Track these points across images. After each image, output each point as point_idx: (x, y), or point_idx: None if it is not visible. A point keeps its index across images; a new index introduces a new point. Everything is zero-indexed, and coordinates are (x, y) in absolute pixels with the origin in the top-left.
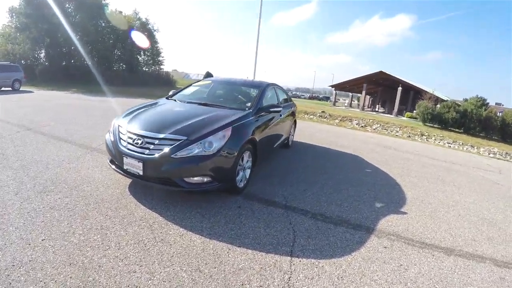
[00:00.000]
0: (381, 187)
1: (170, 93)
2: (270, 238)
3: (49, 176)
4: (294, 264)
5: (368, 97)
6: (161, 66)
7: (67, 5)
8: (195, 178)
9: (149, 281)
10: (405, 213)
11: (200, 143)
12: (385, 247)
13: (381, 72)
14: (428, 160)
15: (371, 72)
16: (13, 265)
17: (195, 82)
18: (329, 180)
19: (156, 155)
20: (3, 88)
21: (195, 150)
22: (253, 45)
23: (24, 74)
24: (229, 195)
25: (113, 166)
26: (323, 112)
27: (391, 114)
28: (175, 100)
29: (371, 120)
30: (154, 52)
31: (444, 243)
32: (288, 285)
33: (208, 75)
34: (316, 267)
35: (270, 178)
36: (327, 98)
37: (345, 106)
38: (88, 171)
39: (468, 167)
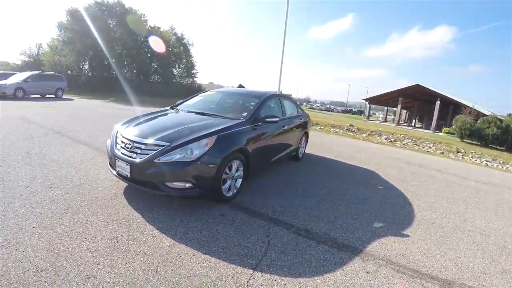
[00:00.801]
0: (388, 206)
1: (178, 102)
2: (240, 249)
3: (59, 174)
4: (253, 278)
5: (404, 111)
6: (195, 79)
7: (110, 21)
8: (177, 183)
9: (106, 274)
10: (406, 236)
11: (182, 149)
12: (368, 272)
13: (417, 86)
14: (455, 178)
15: (407, 86)
16: (2, 245)
17: (202, 92)
18: (329, 195)
19: (142, 159)
20: (47, 96)
21: (176, 156)
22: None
23: (66, 83)
24: (217, 203)
25: (110, 168)
26: (351, 125)
27: (428, 129)
28: (177, 109)
29: (402, 135)
30: (188, 65)
31: (444, 273)
32: None
33: (240, 87)
34: (276, 285)
35: (266, 189)
36: (361, 112)
37: (379, 120)
38: (95, 172)
39: (501, 187)
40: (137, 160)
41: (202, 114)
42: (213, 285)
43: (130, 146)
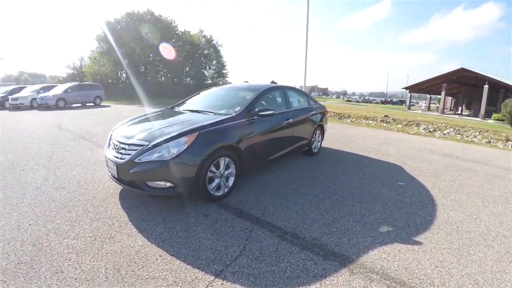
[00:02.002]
0: (404, 205)
1: (180, 101)
2: (210, 253)
3: (70, 176)
4: (211, 286)
5: (450, 98)
6: (226, 78)
7: (142, 30)
8: (158, 183)
9: (73, 270)
10: (418, 243)
11: (160, 148)
12: None
13: (462, 69)
14: (499, 171)
15: (450, 70)
16: (0, 240)
17: (203, 90)
18: (335, 194)
19: (124, 159)
20: (87, 104)
21: (154, 155)
22: (321, 52)
23: (104, 91)
24: (205, 202)
25: (107, 169)
26: (385, 116)
27: (477, 116)
28: (175, 109)
29: (443, 124)
30: (219, 66)
31: None
32: None
33: (273, 83)
34: None
35: (265, 186)
36: (402, 102)
37: (422, 109)
38: (101, 174)
39: None
40: (121, 160)
41: (196, 111)
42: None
43: (117, 147)
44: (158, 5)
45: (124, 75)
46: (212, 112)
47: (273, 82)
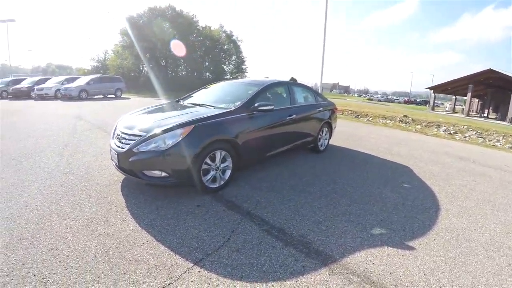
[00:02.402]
0: (405, 208)
1: (186, 95)
2: (195, 241)
3: (80, 163)
4: (188, 273)
5: (476, 100)
6: (245, 74)
7: (164, 24)
8: (154, 172)
9: (66, 248)
10: (410, 248)
11: (157, 139)
12: None
13: (490, 71)
14: None
15: (478, 71)
16: (7, 217)
17: (211, 84)
18: (333, 192)
19: (124, 149)
20: (108, 95)
21: (151, 145)
22: (347, 51)
23: (124, 84)
24: (200, 193)
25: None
26: (404, 116)
27: (504, 120)
28: (180, 102)
29: (465, 127)
30: (238, 61)
31: None
32: None
33: (293, 80)
34: (208, 284)
35: (264, 181)
36: (426, 103)
37: (446, 111)
38: (109, 162)
39: None
40: (122, 149)
41: (198, 105)
42: (147, 272)
43: (119, 137)
44: (179, 0)
45: (145, 68)
46: (213, 106)
47: (292, 78)
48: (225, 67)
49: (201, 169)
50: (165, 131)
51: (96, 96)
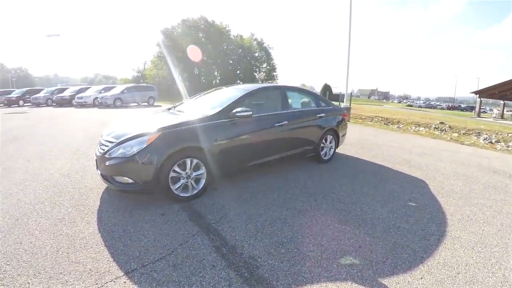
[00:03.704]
0: (399, 233)
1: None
2: (137, 251)
3: (81, 166)
4: (114, 282)
5: None
6: (276, 81)
7: (198, 35)
8: (122, 178)
9: (29, 243)
10: (382, 286)
11: (124, 145)
12: None
13: None
14: None
15: None
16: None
17: (208, 91)
18: (318, 209)
19: (99, 154)
20: (142, 103)
21: (118, 151)
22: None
23: (157, 92)
24: (174, 201)
25: None
26: (441, 123)
27: None
28: (169, 109)
29: (510, 135)
30: (269, 68)
31: None
32: None
33: (326, 87)
34: None
35: (242, 192)
36: (472, 108)
37: (494, 117)
38: None
39: None
40: (99, 154)
41: (182, 112)
42: (79, 274)
43: (100, 143)
44: (212, 11)
45: (179, 77)
46: (194, 113)
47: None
48: (256, 74)
49: (168, 177)
50: (131, 138)
51: (131, 104)
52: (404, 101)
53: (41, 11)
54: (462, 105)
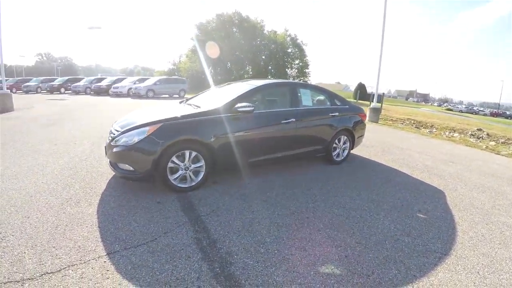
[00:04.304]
0: (395, 247)
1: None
2: (125, 234)
3: (101, 152)
4: (95, 260)
5: None
6: (307, 78)
7: (232, 29)
8: (124, 165)
9: (36, 218)
10: None
11: (127, 135)
12: None
13: None
14: None
15: None
16: (15, 189)
17: (222, 85)
18: (311, 211)
19: (107, 142)
20: (173, 95)
21: (122, 140)
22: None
23: (187, 85)
24: (172, 191)
25: None
26: (478, 130)
27: None
28: (181, 102)
29: None
30: (302, 65)
31: None
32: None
33: (361, 86)
34: (101, 275)
35: (239, 188)
36: None
37: None
38: None
39: None
40: (107, 142)
41: (190, 105)
42: (69, 250)
43: (110, 132)
44: (247, 6)
45: (211, 71)
46: (199, 106)
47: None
48: (288, 70)
49: (166, 167)
50: (134, 128)
51: (162, 96)
52: (445, 104)
53: (87, 3)
54: (508, 112)
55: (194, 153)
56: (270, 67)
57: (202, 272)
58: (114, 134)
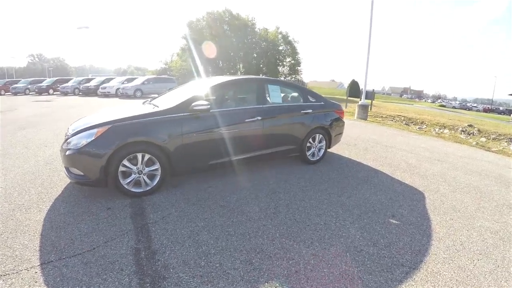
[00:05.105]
0: (360, 258)
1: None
2: (65, 242)
3: None
4: (27, 270)
5: None
6: (299, 75)
7: (225, 27)
8: (74, 169)
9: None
10: None
11: (76, 137)
12: None
13: None
14: None
15: None
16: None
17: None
18: (270, 218)
19: (61, 145)
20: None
21: (72, 143)
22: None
23: (177, 84)
24: (126, 196)
25: None
26: (469, 126)
27: None
28: (145, 102)
29: None
30: (294, 63)
31: None
32: None
33: (354, 83)
34: (28, 286)
35: (202, 191)
36: (510, 112)
37: None
38: None
39: None
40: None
41: (149, 104)
42: (5, 259)
43: (65, 134)
44: (237, 3)
45: (203, 69)
46: (158, 106)
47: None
48: (280, 68)
49: (117, 171)
50: (83, 130)
51: (151, 95)
52: (438, 101)
53: (80, 4)
54: (501, 108)
55: (147, 156)
56: (261, 65)
57: (130, 287)
58: (67, 136)
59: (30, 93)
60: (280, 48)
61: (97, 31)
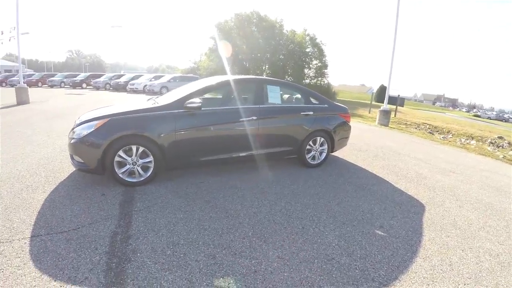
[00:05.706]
0: (329, 268)
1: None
2: (56, 221)
3: None
4: (19, 241)
5: None
6: (325, 78)
7: (253, 28)
8: (76, 157)
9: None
10: None
11: (79, 128)
12: None
13: None
14: None
15: None
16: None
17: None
18: (248, 218)
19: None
20: None
21: (76, 132)
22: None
23: None
24: (121, 185)
25: None
26: (499, 138)
27: None
28: (151, 100)
29: None
30: (321, 65)
31: None
32: None
33: (382, 88)
34: (18, 258)
35: (194, 186)
36: None
37: None
38: None
39: None
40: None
41: (153, 100)
42: (4, 230)
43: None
44: (266, 5)
45: (230, 69)
46: (158, 103)
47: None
48: (306, 70)
49: (113, 161)
50: (85, 122)
51: None
52: (474, 110)
53: (117, 4)
54: None
55: (141, 148)
56: (287, 67)
57: (98, 265)
58: (74, 125)
59: (65, 86)
60: (307, 50)
61: (131, 31)
